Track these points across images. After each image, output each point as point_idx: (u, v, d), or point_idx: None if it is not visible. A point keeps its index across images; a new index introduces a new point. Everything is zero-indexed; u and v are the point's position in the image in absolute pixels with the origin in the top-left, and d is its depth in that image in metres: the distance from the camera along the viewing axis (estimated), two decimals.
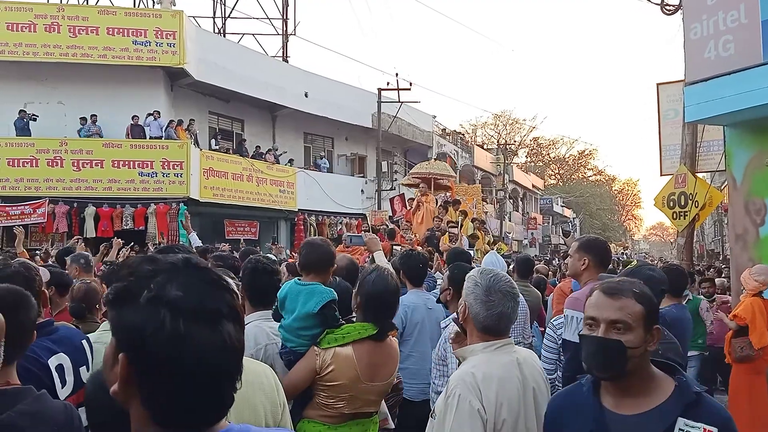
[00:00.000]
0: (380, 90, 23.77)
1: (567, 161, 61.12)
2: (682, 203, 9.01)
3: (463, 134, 37.95)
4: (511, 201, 39.72)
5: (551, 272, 11.90)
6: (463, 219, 12.10)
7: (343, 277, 3.65)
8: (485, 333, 2.30)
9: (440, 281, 4.43)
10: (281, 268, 5.03)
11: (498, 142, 39.67)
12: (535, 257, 16.75)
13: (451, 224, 11.21)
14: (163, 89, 17.18)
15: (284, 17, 24.24)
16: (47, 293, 2.80)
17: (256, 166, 18.88)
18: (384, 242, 8.89)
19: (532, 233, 42.46)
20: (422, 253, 5.02)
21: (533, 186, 45.55)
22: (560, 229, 48.96)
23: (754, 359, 5.66)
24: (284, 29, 24.24)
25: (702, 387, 1.84)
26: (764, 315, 5.48)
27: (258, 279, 2.99)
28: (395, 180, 24.60)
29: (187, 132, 16.77)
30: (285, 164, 20.61)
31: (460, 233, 10.48)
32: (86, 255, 5.47)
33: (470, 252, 7.80)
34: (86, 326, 3.31)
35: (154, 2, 19.88)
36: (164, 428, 1.01)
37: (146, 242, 14.28)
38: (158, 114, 16.21)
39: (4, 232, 14.34)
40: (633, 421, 1.80)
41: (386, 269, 3.09)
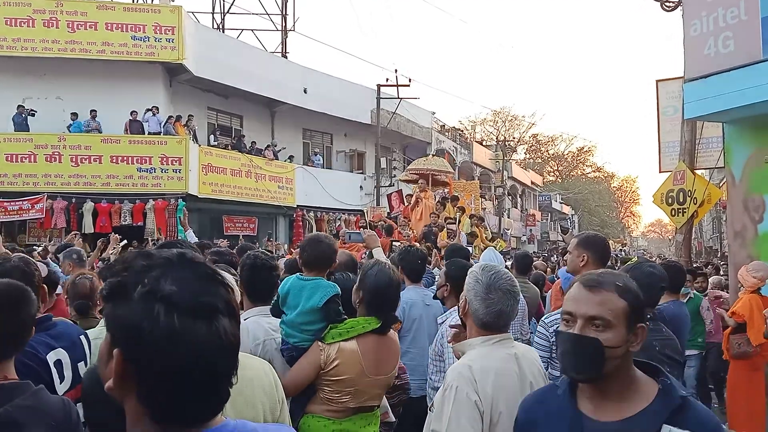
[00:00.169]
0: (379, 86, 23.75)
1: (566, 158, 61.12)
2: (681, 200, 9.02)
3: (462, 131, 37.85)
4: (510, 198, 39.72)
5: (549, 269, 11.92)
6: (461, 215, 12.10)
7: (342, 273, 3.65)
8: (484, 329, 2.31)
9: (438, 278, 4.43)
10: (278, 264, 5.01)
11: (497, 139, 39.66)
12: (534, 254, 16.78)
13: (449, 220, 11.20)
14: (162, 85, 17.15)
15: (283, 13, 24.21)
16: (46, 288, 2.80)
17: (255, 162, 18.86)
18: (383, 239, 8.90)
19: (531, 230, 42.46)
20: (421, 250, 5.01)
21: (532, 183, 45.55)
22: (559, 226, 49.05)
23: (752, 356, 5.68)
24: (283, 25, 24.20)
25: (688, 391, 1.72)
26: (762, 311, 5.48)
27: (257, 274, 2.99)
28: (394, 176, 24.60)
29: (186, 128, 16.74)
30: (285, 161, 20.59)
31: (458, 229, 10.47)
32: (79, 250, 5.48)
33: (468, 248, 7.81)
34: (86, 322, 3.30)
35: None
36: (160, 424, 1.01)
37: (145, 238, 14.27)
38: (157, 110, 16.18)
39: (2, 228, 14.32)
40: (613, 428, 1.63)
41: (387, 263, 3.11)
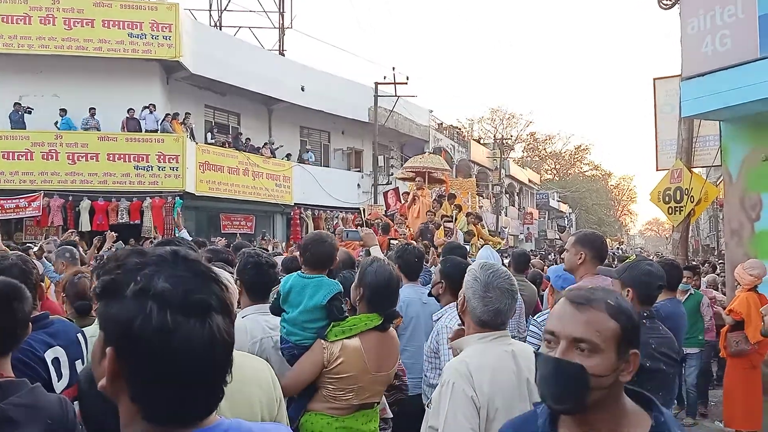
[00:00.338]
0: (377, 84, 23.72)
1: (563, 156, 61.19)
2: (678, 198, 9.03)
3: (460, 129, 37.87)
4: (508, 196, 39.74)
5: (546, 267, 11.90)
6: (457, 213, 12.07)
7: (340, 271, 3.66)
8: (481, 327, 2.33)
9: (434, 275, 4.43)
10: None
11: (494, 137, 39.68)
12: (531, 252, 16.79)
13: (446, 218, 11.16)
14: (159, 82, 17.11)
15: (281, 11, 24.17)
16: (43, 287, 2.80)
17: (252, 160, 18.84)
18: (380, 237, 8.90)
19: (528, 228, 42.52)
20: (418, 248, 5.01)
21: (529, 181, 45.59)
22: (556, 224, 49.08)
23: (749, 353, 5.70)
24: (281, 23, 24.17)
25: (682, 428, 1.61)
26: (759, 309, 5.50)
27: (256, 272, 2.99)
28: (392, 174, 24.59)
29: (183, 125, 16.71)
30: (282, 158, 20.57)
31: (455, 227, 10.46)
32: (71, 249, 5.48)
33: (466, 247, 7.81)
34: (82, 321, 3.29)
35: None
36: (153, 423, 1.00)
37: (142, 236, 14.25)
38: (154, 107, 16.14)
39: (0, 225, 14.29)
40: None
41: (384, 260, 3.12)
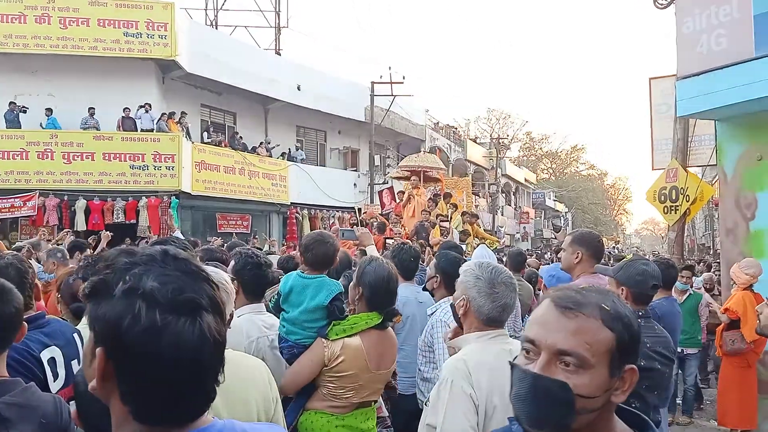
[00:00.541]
0: (373, 83, 23.71)
1: (559, 156, 61.29)
2: (674, 197, 9.05)
3: (456, 128, 37.86)
4: (504, 195, 39.76)
5: (542, 266, 11.90)
6: (453, 212, 12.04)
7: (337, 270, 3.66)
8: (487, 324, 2.33)
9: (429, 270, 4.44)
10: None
11: (491, 136, 39.67)
12: (527, 251, 16.82)
13: (441, 217, 11.12)
14: (155, 81, 17.06)
15: (277, 10, 24.14)
16: (40, 286, 2.79)
17: (249, 160, 18.81)
18: (375, 236, 8.89)
19: (524, 227, 42.58)
20: (414, 247, 5.01)
21: (526, 180, 45.62)
22: (552, 224, 49.18)
23: (745, 352, 5.73)
24: (277, 22, 24.14)
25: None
26: (755, 308, 5.53)
27: (253, 272, 2.99)
28: (388, 173, 24.59)
29: (179, 125, 16.67)
30: (277, 158, 20.55)
31: (451, 227, 10.45)
32: (63, 249, 5.49)
33: (462, 246, 7.80)
34: (78, 322, 3.28)
35: None
36: (144, 424, 0.99)
37: (137, 236, 14.21)
38: (150, 106, 16.09)
39: None
40: None
41: (382, 259, 3.13)
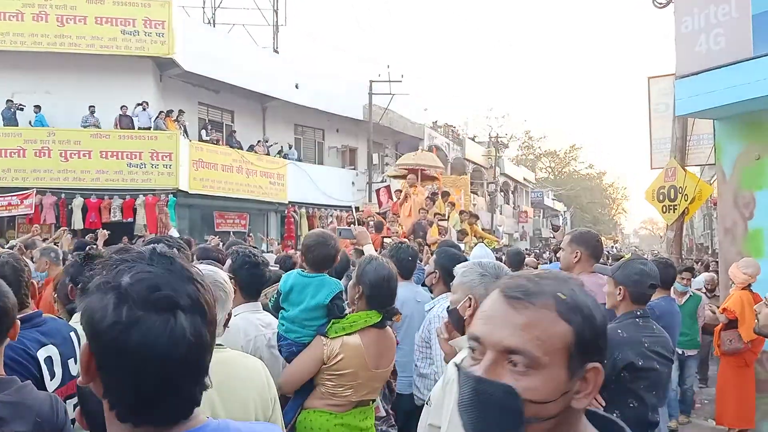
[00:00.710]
0: (372, 82, 23.68)
1: (558, 155, 61.32)
2: (672, 197, 9.04)
3: (455, 127, 37.83)
4: (502, 194, 39.76)
5: (539, 264, 11.92)
6: (450, 210, 12.02)
7: (337, 270, 3.66)
8: None
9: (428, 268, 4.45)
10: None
11: (489, 135, 39.66)
12: (526, 250, 16.80)
13: (439, 216, 11.09)
14: (152, 79, 17.03)
15: (275, 8, 24.09)
16: (36, 285, 2.77)
17: (246, 158, 18.78)
18: (373, 235, 8.87)
19: (523, 226, 42.60)
20: (412, 246, 5.01)
21: (524, 179, 45.62)
22: (550, 223, 49.18)
23: (743, 352, 5.73)
24: (275, 20, 24.10)
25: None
26: (753, 308, 5.53)
27: (248, 271, 2.98)
28: (386, 172, 24.58)
29: (176, 123, 16.65)
30: (274, 155, 20.51)
31: (449, 225, 10.44)
32: (56, 248, 5.48)
33: (460, 245, 7.80)
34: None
35: None
36: (125, 423, 0.99)
37: (135, 234, 14.19)
38: (147, 104, 16.07)
39: None
40: None
41: (382, 258, 3.13)
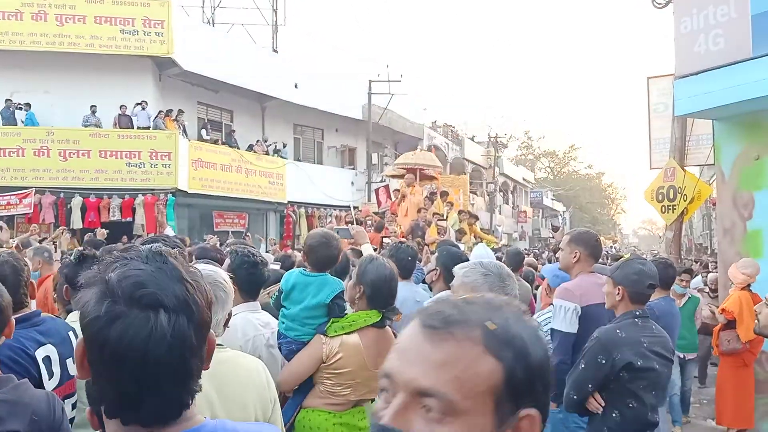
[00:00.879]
0: (371, 82, 23.68)
1: (557, 155, 61.31)
2: (671, 197, 9.04)
3: (454, 127, 37.82)
4: (502, 194, 39.75)
5: (540, 265, 11.90)
6: (449, 210, 12.01)
7: (337, 270, 3.65)
8: None
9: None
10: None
11: (489, 135, 39.68)
12: (525, 250, 16.80)
13: (437, 216, 11.07)
14: (151, 79, 17.03)
15: (274, 8, 24.07)
16: (35, 284, 2.77)
17: (245, 158, 18.77)
18: (372, 234, 8.87)
19: (522, 226, 42.59)
20: (411, 246, 5.01)
21: (524, 179, 45.62)
22: (550, 223, 49.17)
23: (741, 352, 5.73)
24: (274, 20, 24.08)
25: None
26: (751, 308, 5.53)
27: (247, 270, 2.98)
28: (385, 171, 24.58)
29: (176, 122, 16.64)
30: (273, 155, 20.49)
31: (448, 225, 10.44)
32: (49, 248, 5.47)
33: (460, 245, 7.80)
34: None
35: None
36: (111, 419, 1.00)
37: (134, 233, 14.19)
38: (146, 104, 16.07)
39: None
40: None
41: (382, 257, 3.13)
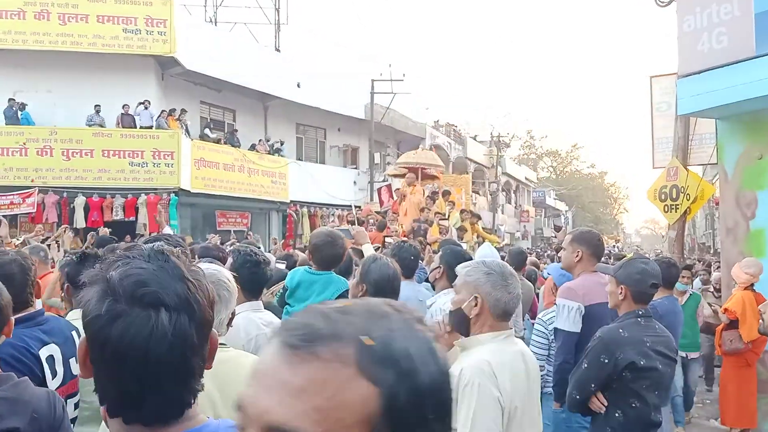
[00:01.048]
0: (373, 81, 23.66)
1: (560, 154, 61.22)
2: (674, 196, 9.03)
3: (456, 126, 37.80)
4: (504, 193, 39.71)
5: (543, 264, 11.90)
6: (451, 209, 12.00)
7: (341, 269, 3.67)
8: (502, 319, 2.28)
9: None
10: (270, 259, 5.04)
11: (491, 134, 39.66)
12: (528, 250, 16.79)
13: (439, 215, 11.04)
14: (154, 78, 17.03)
15: (276, 7, 24.07)
16: (40, 284, 2.78)
17: (248, 157, 18.78)
18: (374, 233, 8.87)
19: (525, 226, 42.53)
20: (414, 245, 5.01)
21: (526, 178, 45.56)
22: (552, 223, 49.12)
23: (744, 352, 5.72)
24: (277, 19, 24.07)
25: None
26: (754, 308, 5.52)
27: (250, 270, 2.99)
28: (386, 171, 24.58)
29: (178, 122, 16.65)
30: (274, 154, 20.48)
31: (450, 225, 10.43)
32: (45, 247, 5.47)
33: (462, 244, 7.80)
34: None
35: None
36: (112, 418, 1.00)
37: (137, 233, 14.20)
38: (149, 103, 16.06)
39: None
40: None
41: (385, 257, 3.14)
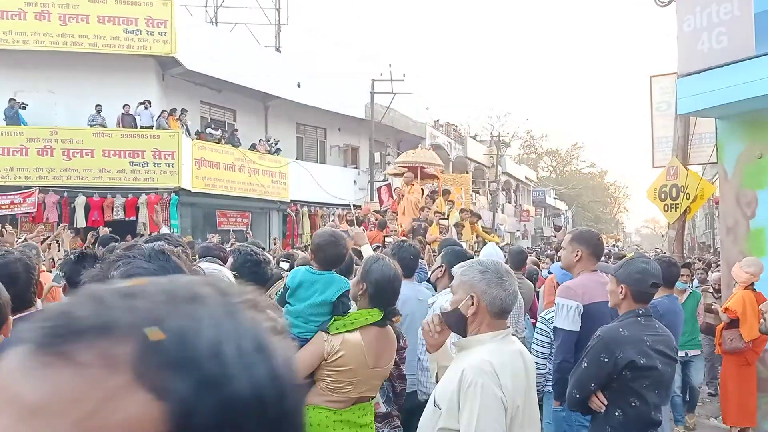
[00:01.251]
0: (374, 81, 23.67)
1: (559, 153, 61.21)
2: (674, 195, 9.03)
3: (456, 125, 37.81)
4: (504, 193, 39.71)
5: (542, 263, 11.89)
6: (450, 209, 12.00)
7: (341, 270, 3.68)
8: (499, 317, 2.28)
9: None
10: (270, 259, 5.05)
11: (491, 134, 39.66)
12: (528, 249, 16.79)
13: (440, 215, 11.04)
14: (155, 78, 17.04)
15: (277, 7, 24.08)
16: (43, 283, 2.79)
17: (248, 157, 18.79)
18: (374, 232, 8.88)
19: (525, 225, 42.53)
20: (414, 245, 5.01)
21: (526, 178, 45.56)
22: (552, 222, 49.11)
23: (744, 351, 5.73)
24: (277, 19, 24.09)
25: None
26: (755, 307, 5.53)
27: (250, 269, 3.01)
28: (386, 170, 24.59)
29: (179, 121, 16.65)
30: (274, 154, 20.48)
31: (449, 224, 10.43)
32: (37, 245, 5.48)
33: (462, 244, 7.79)
34: None
35: None
36: None
37: (137, 233, 14.21)
38: (149, 103, 16.08)
39: None
40: None
41: (387, 257, 3.16)
